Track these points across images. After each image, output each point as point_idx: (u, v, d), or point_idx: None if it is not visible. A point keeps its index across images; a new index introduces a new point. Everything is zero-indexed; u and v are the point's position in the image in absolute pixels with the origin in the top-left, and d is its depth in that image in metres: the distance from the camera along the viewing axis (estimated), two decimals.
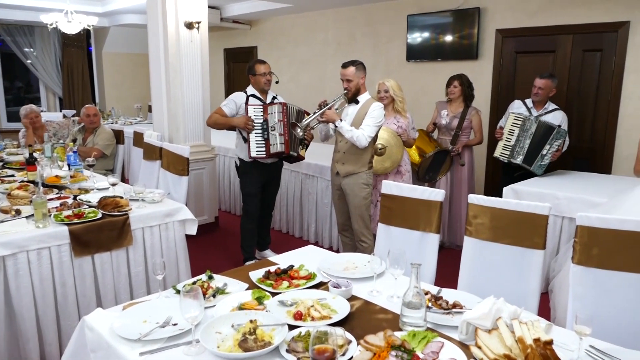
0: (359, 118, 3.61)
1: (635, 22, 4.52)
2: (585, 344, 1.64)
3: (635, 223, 2.09)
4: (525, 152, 4.17)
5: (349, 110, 3.69)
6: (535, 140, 4.14)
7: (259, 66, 4.06)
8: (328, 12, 7.20)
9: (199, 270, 2.72)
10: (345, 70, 3.61)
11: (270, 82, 4.08)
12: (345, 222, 3.88)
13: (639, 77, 4.57)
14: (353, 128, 3.55)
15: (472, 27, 5.56)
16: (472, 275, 2.51)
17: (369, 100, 3.65)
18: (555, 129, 4.08)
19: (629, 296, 2.10)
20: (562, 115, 4.28)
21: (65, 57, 9.76)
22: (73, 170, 4.06)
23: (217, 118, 4.04)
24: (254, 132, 3.92)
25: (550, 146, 4.08)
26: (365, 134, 3.53)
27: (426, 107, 5.63)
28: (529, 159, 4.17)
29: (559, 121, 4.21)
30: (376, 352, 1.56)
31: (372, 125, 3.56)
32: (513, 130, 4.24)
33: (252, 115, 3.92)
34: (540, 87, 4.25)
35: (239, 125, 3.95)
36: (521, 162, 4.20)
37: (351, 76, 3.59)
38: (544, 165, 4.14)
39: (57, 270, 2.76)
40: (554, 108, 4.32)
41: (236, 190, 5.97)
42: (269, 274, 2.23)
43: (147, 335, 1.72)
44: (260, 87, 4.07)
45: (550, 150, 4.09)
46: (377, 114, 3.57)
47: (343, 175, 3.71)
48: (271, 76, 4.09)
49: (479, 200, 2.50)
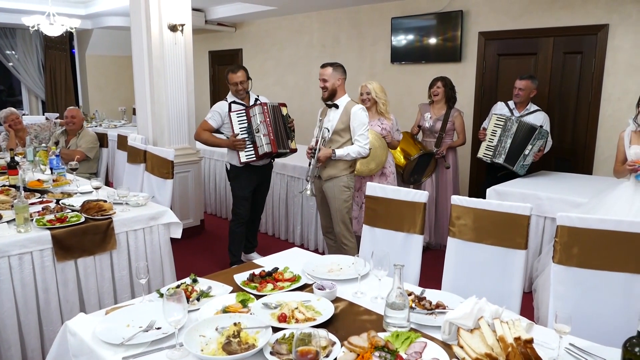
0: (341, 121, 3.63)
1: (614, 25, 4.60)
2: (565, 342, 1.67)
3: (614, 223, 2.13)
4: (507, 152, 4.23)
5: (330, 116, 3.71)
6: (517, 141, 4.20)
7: (231, 76, 4.03)
8: (313, 14, 7.22)
9: (184, 273, 2.70)
10: (323, 70, 3.65)
11: (245, 90, 4.07)
12: (329, 225, 3.89)
13: (617, 79, 4.66)
14: (349, 149, 3.61)
15: (456, 29, 5.62)
16: (456, 276, 2.53)
17: (349, 103, 3.67)
18: (537, 129, 4.14)
19: (608, 295, 2.14)
20: (543, 116, 4.34)
21: (48, 59, 9.66)
22: (56, 174, 4.01)
23: (207, 138, 4.09)
24: (240, 137, 3.93)
25: (532, 146, 4.14)
26: (362, 145, 3.62)
27: (411, 109, 5.67)
28: (511, 159, 4.23)
29: (541, 122, 4.27)
30: (360, 353, 1.57)
31: (363, 133, 3.62)
32: (495, 130, 4.30)
33: (236, 120, 3.93)
34: (520, 88, 4.32)
35: (228, 147, 4.02)
36: (503, 162, 4.26)
37: (327, 76, 3.62)
38: (526, 166, 4.20)
39: (40, 275, 2.73)
40: (536, 109, 4.38)
41: (222, 193, 5.95)
42: (254, 276, 2.23)
43: (130, 339, 1.71)
44: (236, 95, 4.08)
45: (532, 151, 4.14)
46: (362, 119, 3.62)
47: (325, 179, 3.72)
48: (246, 84, 4.06)
49: (461, 201, 2.52)
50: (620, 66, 4.63)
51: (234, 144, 3.93)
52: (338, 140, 3.66)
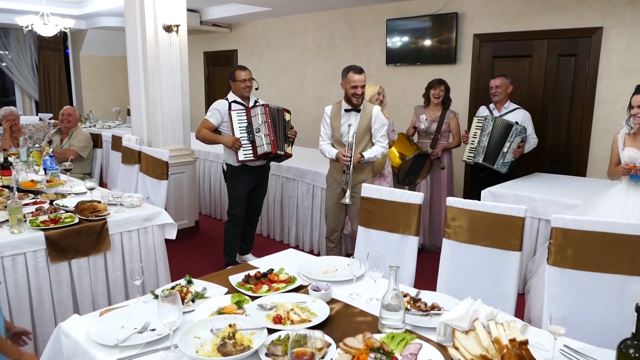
0: (363, 124, 3.66)
1: (608, 28, 4.63)
2: (559, 343, 1.67)
3: (607, 224, 2.14)
4: (485, 151, 4.29)
5: (350, 119, 3.69)
6: (495, 138, 4.25)
7: (239, 72, 4.06)
8: (308, 16, 7.22)
9: (178, 275, 2.70)
10: (361, 76, 3.60)
11: (250, 88, 4.09)
12: (336, 227, 3.87)
13: (611, 81, 4.68)
14: (374, 151, 3.69)
15: (451, 31, 5.64)
16: (451, 277, 2.53)
17: (367, 105, 3.72)
18: (512, 125, 4.19)
19: (602, 296, 2.15)
20: (523, 113, 4.38)
21: (42, 60, 9.61)
22: (49, 174, 3.99)
23: (205, 134, 4.06)
24: (240, 137, 3.93)
25: (510, 143, 4.19)
26: (384, 146, 3.73)
27: (405, 111, 5.69)
28: (490, 158, 4.29)
29: (521, 119, 4.31)
30: (355, 355, 1.57)
31: (385, 134, 3.73)
32: (476, 132, 4.38)
33: (236, 119, 3.94)
34: (497, 86, 4.38)
35: (227, 144, 3.99)
36: (482, 161, 4.32)
37: (365, 82, 3.65)
38: (506, 163, 4.25)
39: (33, 276, 2.71)
40: (515, 107, 4.42)
41: (217, 194, 5.93)
42: (249, 277, 2.22)
43: (124, 341, 1.71)
44: (240, 93, 4.08)
45: (511, 148, 4.19)
46: (383, 120, 3.73)
47: (354, 184, 3.68)
48: (251, 82, 4.09)
49: (457, 202, 2.53)
50: (614, 69, 4.66)
51: (233, 143, 3.92)
52: (360, 143, 3.68)
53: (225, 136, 4.03)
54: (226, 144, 4.00)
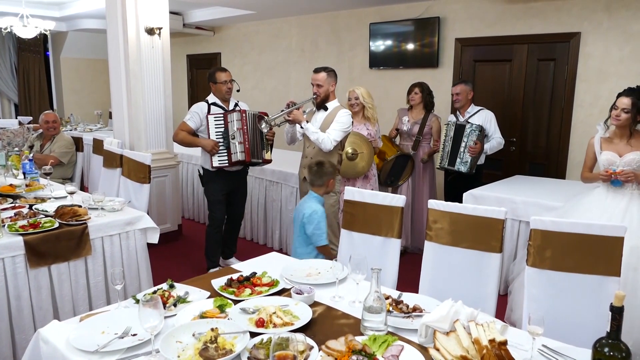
0: (326, 124, 3.64)
1: (586, 33, 4.72)
2: (538, 343, 1.70)
3: (585, 226, 2.18)
4: (449, 155, 4.44)
5: (317, 117, 3.72)
6: (454, 142, 4.40)
7: (219, 74, 4.04)
8: (292, 19, 7.23)
9: (161, 279, 2.68)
10: (317, 75, 3.64)
11: (231, 90, 4.07)
12: None
13: (589, 85, 4.77)
14: (319, 130, 3.58)
15: (433, 35, 5.69)
16: (433, 279, 2.56)
17: (337, 107, 3.69)
18: (465, 125, 4.32)
19: (580, 296, 2.19)
20: (485, 113, 4.50)
21: (21, 62, 9.47)
22: (29, 178, 3.93)
23: (183, 137, 4.03)
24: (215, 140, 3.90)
25: (465, 143, 4.31)
26: (330, 138, 3.56)
27: (389, 114, 5.72)
28: (451, 161, 4.44)
29: (484, 119, 4.43)
30: (337, 357, 1.58)
31: (338, 130, 3.59)
32: (444, 140, 4.52)
33: (213, 124, 3.91)
34: (457, 93, 4.52)
35: (206, 148, 3.95)
36: (447, 165, 4.46)
37: (322, 81, 3.62)
38: (466, 162, 4.36)
39: (11, 282, 2.68)
40: (478, 109, 4.54)
41: (200, 197, 5.90)
42: (231, 281, 2.22)
43: (105, 346, 1.69)
44: (222, 95, 4.06)
45: (466, 146, 4.30)
46: (344, 120, 3.62)
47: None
48: (232, 84, 4.08)
49: (438, 205, 2.55)
50: (591, 73, 4.74)
51: (212, 148, 3.90)
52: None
53: (204, 139, 4.00)
54: (205, 147, 3.96)
